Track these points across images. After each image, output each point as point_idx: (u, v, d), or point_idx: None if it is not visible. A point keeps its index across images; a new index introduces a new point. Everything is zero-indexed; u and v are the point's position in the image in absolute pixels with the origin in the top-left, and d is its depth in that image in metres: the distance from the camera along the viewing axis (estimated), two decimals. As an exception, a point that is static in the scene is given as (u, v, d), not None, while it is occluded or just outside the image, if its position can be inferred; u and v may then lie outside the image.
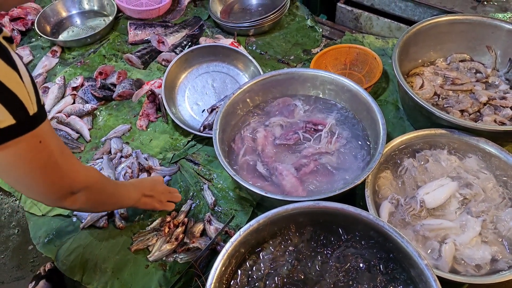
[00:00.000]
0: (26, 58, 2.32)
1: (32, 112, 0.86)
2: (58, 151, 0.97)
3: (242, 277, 1.19)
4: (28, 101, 0.85)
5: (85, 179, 1.09)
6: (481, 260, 1.25)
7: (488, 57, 1.86)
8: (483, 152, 1.49)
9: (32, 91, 0.87)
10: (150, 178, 1.57)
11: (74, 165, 1.05)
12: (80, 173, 1.07)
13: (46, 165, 0.95)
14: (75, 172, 1.05)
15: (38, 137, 0.90)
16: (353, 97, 1.65)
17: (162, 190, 1.52)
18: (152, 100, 1.96)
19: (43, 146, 0.91)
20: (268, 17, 2.24)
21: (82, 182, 1.08)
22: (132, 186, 1.42)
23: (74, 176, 1.05)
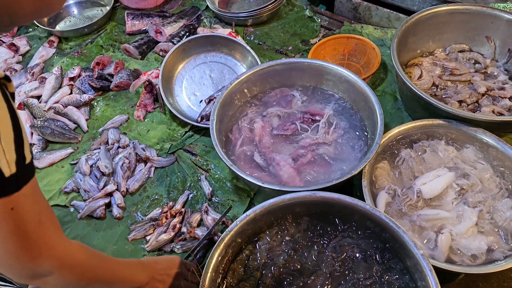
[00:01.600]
0: (23, 48, 2.30)
1: (8, 174, 0.72)
2: (34, 220, 0.81)
3: (239, 266, 1.19)
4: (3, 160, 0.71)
5: (60, 257, 0.88)
6: (477, 250, 1.25)
7: (487, 47, 1.85)
8: (481, 143, 1.48)
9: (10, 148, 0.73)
10: (166, 258, 1.33)
11: (50, 238, 0.85)
12: (55, 250, 0.86)
13: (12, 233, 0.78)
14: (48, 248, 0.85)
15: (11, 203, 0.75)
16: (351, 87, 1.64)
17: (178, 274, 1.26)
18: (149, 91, 1.95)
19: (14, 214, 0.76)
20: (266, 7, 2.22)
21: (54, 261, 0.86)
22: (140, 265, 1.20)
23: (44, 252, 0.84)
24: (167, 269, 1.25)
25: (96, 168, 1.71)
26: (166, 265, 1.26)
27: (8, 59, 2.24)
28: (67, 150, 1.81)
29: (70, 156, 1.81)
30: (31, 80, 2.11)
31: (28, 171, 0.78)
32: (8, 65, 2.21)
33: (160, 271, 1.22)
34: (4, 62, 2.22)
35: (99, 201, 1.60)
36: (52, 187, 1.71)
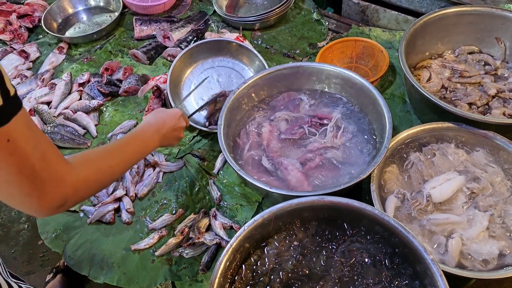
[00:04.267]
0: (33, 54, 2.33)
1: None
2: (37, 155, 0.81)
3: (247, 272, 1.19)
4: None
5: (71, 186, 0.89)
6: (489, 255, 1.23)
7: (497, 49, 1.83)
8: (491, 146, 1.46)
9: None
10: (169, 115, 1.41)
11: (56, 171, 0.86)
12: (65, 181, 0.88)
13: (21, 171, 0.79)
14: (58, 181, 0.86)
15: (5, 135, 0.75)
16: (359, 91, 1.63)
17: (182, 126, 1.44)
18: (157, 96, 1.96)
19: (13, 146, 0.76)
20: (273, 11, 2.22)
21: (66, 192, 0.89)
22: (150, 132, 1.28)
23: (56, 188, 0.86)
24: (175, 125, 1.38)
25: (105, 173, 1.72)
26: (173, 122, 1.38)
27: (18, 66, 2.27)
28: (77, 156, 1.83)
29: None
30: (41, 86, 2.14)
31: (15, 104, 0.77)
32: (18, 72, 2.24)
33: (168, 129, 1.35)
34: (14, 69, 2.25)
35: (108, 206, 1.61)
36: (62, 192, 1.72)
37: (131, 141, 1.22)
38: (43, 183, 0.83)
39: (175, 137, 1.42)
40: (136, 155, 1.20)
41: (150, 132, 1.29)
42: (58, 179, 0.86)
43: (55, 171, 0.86)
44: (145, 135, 1.27)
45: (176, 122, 1.40)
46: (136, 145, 1.22)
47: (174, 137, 1.41)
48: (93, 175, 0.98)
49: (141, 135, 1.27)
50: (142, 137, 1.26)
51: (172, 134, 1.39)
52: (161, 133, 1.32)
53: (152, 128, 1.30)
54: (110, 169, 1.05)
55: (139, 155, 1.22)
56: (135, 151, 1.20)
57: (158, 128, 1.32)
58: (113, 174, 1.07)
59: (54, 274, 2.26)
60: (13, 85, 0.78)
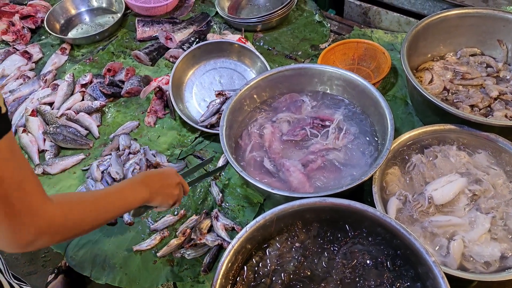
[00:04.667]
0: (36, 55, 2.34)
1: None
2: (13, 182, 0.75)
3: (249, 273, 1.19)
4: None
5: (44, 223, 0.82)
6: (490, 257, 1.23)
7: (499, 51, 1.83)
8: (493, 148, 1.46)
9: None
10: (161, 171, 1.32)
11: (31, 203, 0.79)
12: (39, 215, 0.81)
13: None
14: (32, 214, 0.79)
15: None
16: (361, 92, 1.63)
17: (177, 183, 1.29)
18: (159, 97, 1.97)
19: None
20: (275, 13, 2.23)
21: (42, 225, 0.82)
22: (137, 184, 1.18)
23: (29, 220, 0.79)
24: (166, 180, 1.25)
25: (107, 174, 1.73)
26: (166, 175, 1.26)
27: (21, 66, 2.28)
28: (79, 156, 1.83)
29: (82, 162, 1.83)
30: (44, 87, 2.14)
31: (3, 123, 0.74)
32: (21, 72, 2.24)
33: (160, 182, 1.23)
34: (17, 69, 2.26)
35: (110, 207, 1.61)
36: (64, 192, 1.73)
37: (116, 191, 1.13)
38: (15, 212, 0.76)
39: (168, 194, 1.25)
40: (121, 206, 1.11)
41: (138, 184, 1.17)
42: (32, 211, 0.79)
43: (30, 202, 0.79)
44: (133, 187, 1.16)
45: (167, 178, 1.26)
46: (122, 196, 1.12)
47: (166, 193, 1.24)
48: (71, 216, 0.90)
49: (129, 186, 1.17)
50: (129, 188, 1.16)
51: (164, 190, 1.23)
52: (149, 185, 1.19)
53: (138, 181, 1.19)
54: (91, 214, 0.98)
55: (124, 206, 1.12)
56: (121, 202, 1.10)
57: (145, 181, 1.19)
58: (94, 220, 0.99)
59: (56, 274, 2.27)
60: (5, 105, 0.75)
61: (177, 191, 1.28)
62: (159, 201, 1.22)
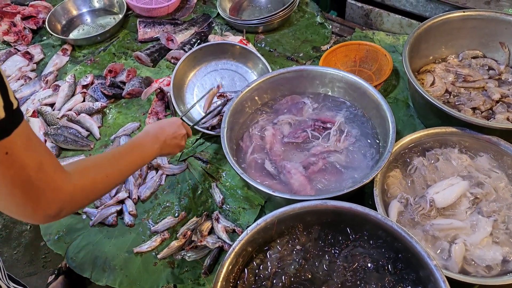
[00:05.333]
0: (37, 56, 2.34)
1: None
2: (34, 165, 0.81)
3: (249, 276, 1.19)
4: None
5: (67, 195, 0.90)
6: (492, 261, 1.23)
7: (501, 53, 1.83)
8: (495, 151, 1.46)
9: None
10: (168, 122, 1.42)
11: (52, 181, 0.86)
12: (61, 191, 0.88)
13: (15, 181, 0.79)
14: (53, 191, 0.86)
15: (5, 148, 0.76)
16: (363, 95, 1.63)
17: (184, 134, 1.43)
18: (161, 98, 1.97)
19: (11, 159, 0.77)
20: (277, 14, 2.22)
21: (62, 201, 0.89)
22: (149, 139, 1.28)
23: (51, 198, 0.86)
24: (174, 133, 1.37)
25: (108, 175, 1.72)
26: (173, 130, 1.37)
27: (22, 67, 2.28)
28: (80, 158, 1.83)
29: (84, 163, 1.83)
30: (45, 88, 2.14)
31: (16, 117, 0.78)
32: (22, 73, 2.24)
33: (169, 136, 1.34)
34: (19, 70, 2.26)
35: (111, 209, 1.61)
36: (64, 194, 1.73)
37: (129, 150, 1.20)
38: (38, 193, 0.83)
39: (176, 144, 1.40)
40: (135, 164, 1.19)
41: (149, 140, 1.27)
42: (54, 188, 0.86)
43: (52, 180, 0.86)
44: (144, 143, 1.26)
45: (176, 129, 1.39)
46: (135, 154, 1.20)
47: (174, 144, 1.39)
48: (90, 184, 0.97)
49: (140, 143, 1.25)
50: (140, 145, 1.25)
51: (172, 141, 1.37)
52: (161, 140, 1.30)
53: (150, 136, 1.29)
54: (107, 178, 1.04)
55: (137, 163, 1.21)
56: (134, 160, 1.18)
57: (157, 136, 1.30)
58: (110, 183, 1.07)
59: (56, 275, 2.27)
60: (16, 98, 0.78)
61: (184, 142, 1.43)
62: (167, 152, 1.37)
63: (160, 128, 1.35)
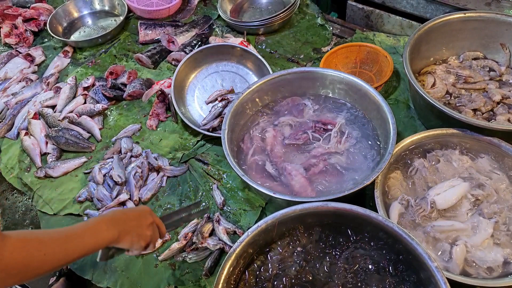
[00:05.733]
0: (38, 58, 2.35)
1: None
2: None
3: (250, 277, 1.19)
4: None
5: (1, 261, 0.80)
6: (493, 262, 1.22)
7: (502, 55, 1.83)
8: (496, 152, 1.46)
9: None
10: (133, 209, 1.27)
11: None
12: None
13: None
14: None
15: None
16: (363, 96, 1.63)
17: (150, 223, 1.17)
18: (162, 100, 1.97)
19: None
20: (278, 16, 2.23)
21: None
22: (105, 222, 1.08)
23: None
24: (138, 219, 1.15)
25: (109, 177, 1.73)
26: (137, 214, 1.16)
27: (24, 69, 2.28)
28: (81, 159, 1.84)
29: (84, 165, 1.84)
30: (46, 89, 2.15)
31: None
32: (24, 75, 2.25)
33: (131, 222, 1.12)
34: (20, 72, 2.26)
35: (112, 210, 1.61)
36: (66, 196, 1.73)
37: (82, 231, 1.03)
38: None
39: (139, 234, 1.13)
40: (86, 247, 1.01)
41: (105, 223, 1.08)
42: None
43: None
44: (99, 226, 1.06)
45: (141, 215, 1.16)
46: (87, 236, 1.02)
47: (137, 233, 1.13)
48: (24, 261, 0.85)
49: (95, 225, 1.07)
50: (95, 227, 1.06)
51: (135, 229, 1.12)
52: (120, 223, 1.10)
53: (107, 219, 1.10)
54: (45, 257, 0.90)
55: (89, 247, 1.02)
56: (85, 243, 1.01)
57: (114, 218, 1.11)
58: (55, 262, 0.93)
59: (58, 277, 2.27)
60: None
61: (150, 231, 1.16)
62: (129, 242, 1.11)
63: (122, 213, 1.17)
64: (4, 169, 1.89)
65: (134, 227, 1.12)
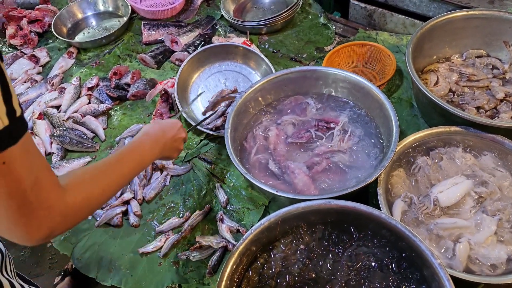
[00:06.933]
0: (43, 59, 2.36)
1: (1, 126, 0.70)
2: (30, 180, 0.76)
3: (253, 275, 1.19)
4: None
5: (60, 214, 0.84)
6: (497, 259, 1.22)
7: (505, 52, 1.82)
8: (499, 150, 1.46)
9: None
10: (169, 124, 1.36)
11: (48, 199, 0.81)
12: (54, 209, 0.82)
13: (11, 195, 0.75)
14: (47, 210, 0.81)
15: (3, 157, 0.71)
16: (366, 94, 1.63)
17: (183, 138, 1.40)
18: (165, 100, 1.98)
19: (7, 169, 0.72)
20: (280, 15, 2.23)
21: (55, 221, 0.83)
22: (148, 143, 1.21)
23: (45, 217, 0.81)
24: (175, 135, 1.33)
25: (113, 176, 1.74)
26: (173, 132, 1.33)
27: (29, 70, 2.30)
28: (85, 159, 1.85)
29: (88, 165, 1.85)
30: (51, 90, 2.16)
31: (20, 124, 0.74)
32: (28, 76, 2.27)
33: (169, 139, 1.30)
34: (25, 73, 2.28)
35: (116, 209, 1.63)
36: (70, 195, 1.74)
37: (128, 155, 1.13)
38: (31, 210, 0.78)
39: (175, 148, 1.36)
40: (134, 170, 1.13)
41: (149, 143, 1.21)
42: (47, 207, 0.81)
43: (46, 197, 0.80)
44: (143, 147, 1.19)
45: (176, 132, 1.35)
46: (133, 159, 1.13)
47: (174, 148, 1.35)
48: (84, 201, 0.91)
49: (139, 147, 1.19)
50: (139, 149, 1.18)
51: (172, 145, 1.33)
52: (161, 143, 1.25)
53: (150, 139, 1.23)
54: (103, 192, 0.99)
55: (136, 169, 1.14)
56: (132, 166, 1.11)
57: (157, 139, 1.25)
58: (106, 196, 1.01)
59: (63, 276, 2.29)
60: (21, 106, 0.74)
61: (182, 146, 1.41)
62: (167, 156, 1.33)
63: (160, 131, 1.29)
64: (10, 169, 1.90)
65: (172, 142, 1.32)
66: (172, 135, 1.33)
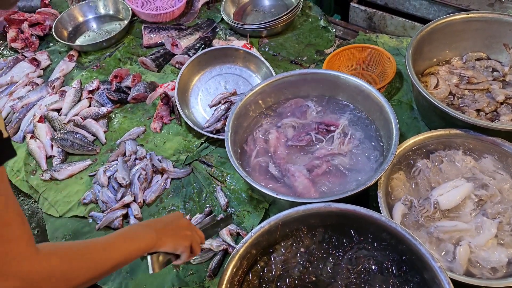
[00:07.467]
0: (44, 62, 2.37)
1: None
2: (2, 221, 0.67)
3: (254, 278, 1.19)
4: None
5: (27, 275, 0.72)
6: (497, 262, 1.22)
7: (505, 55, 1.83)
8: (499, 153, 1.46)
9: None
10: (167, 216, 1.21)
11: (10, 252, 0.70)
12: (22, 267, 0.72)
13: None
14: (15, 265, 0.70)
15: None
16: (366, 97, 1.63)
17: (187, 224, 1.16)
18: (165, 103, 1.98)
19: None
20: (281, 18, 2.24)
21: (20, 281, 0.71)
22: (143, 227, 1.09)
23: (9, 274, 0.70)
24: (174, 221, 1.13)
25: (113, 179, 1.74)
26: (172, 218, 1.14)
27: (30, 73, 2.30)
28: (86, 162, 1.85)
29: (89, 168, 1.85)
30: (52, 93, 2.17)
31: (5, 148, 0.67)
32: (29, 79, 2.27)
33: (167, 224, 1.10)
34: (26, 76, 2.29)
35: (117, 212, 1.63)
36: (71, 198, 1.75)
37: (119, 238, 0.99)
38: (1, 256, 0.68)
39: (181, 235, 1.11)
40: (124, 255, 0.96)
41: (142, 228, 1.07)
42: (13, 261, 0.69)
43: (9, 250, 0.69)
44: (136, 231, 1.04)
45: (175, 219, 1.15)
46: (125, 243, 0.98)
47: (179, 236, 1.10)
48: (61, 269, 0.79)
49: (132, 231, 1.05)
50: (132, 233, 1.03)
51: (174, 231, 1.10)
52: (157, 226, 1.07)
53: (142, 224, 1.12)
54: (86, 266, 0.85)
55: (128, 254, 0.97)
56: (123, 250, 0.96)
57: (152, 224, 1.09)
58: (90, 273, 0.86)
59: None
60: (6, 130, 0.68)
61: (189, 231, 1.13)
62: (171, 244, 1.07)
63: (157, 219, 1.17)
64: (10, 172, 1.90)
65: (172, 228, 1.09)
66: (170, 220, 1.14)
